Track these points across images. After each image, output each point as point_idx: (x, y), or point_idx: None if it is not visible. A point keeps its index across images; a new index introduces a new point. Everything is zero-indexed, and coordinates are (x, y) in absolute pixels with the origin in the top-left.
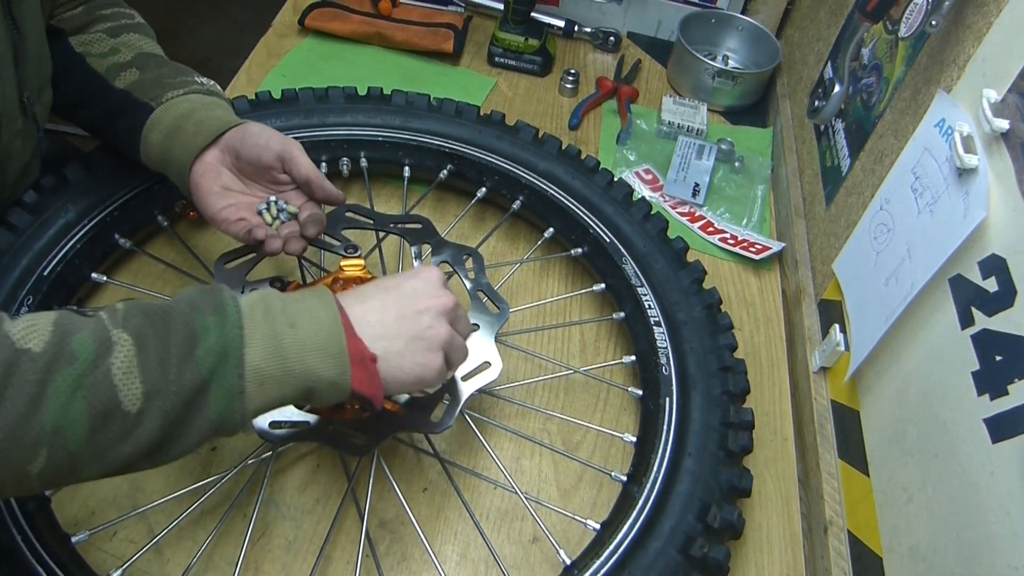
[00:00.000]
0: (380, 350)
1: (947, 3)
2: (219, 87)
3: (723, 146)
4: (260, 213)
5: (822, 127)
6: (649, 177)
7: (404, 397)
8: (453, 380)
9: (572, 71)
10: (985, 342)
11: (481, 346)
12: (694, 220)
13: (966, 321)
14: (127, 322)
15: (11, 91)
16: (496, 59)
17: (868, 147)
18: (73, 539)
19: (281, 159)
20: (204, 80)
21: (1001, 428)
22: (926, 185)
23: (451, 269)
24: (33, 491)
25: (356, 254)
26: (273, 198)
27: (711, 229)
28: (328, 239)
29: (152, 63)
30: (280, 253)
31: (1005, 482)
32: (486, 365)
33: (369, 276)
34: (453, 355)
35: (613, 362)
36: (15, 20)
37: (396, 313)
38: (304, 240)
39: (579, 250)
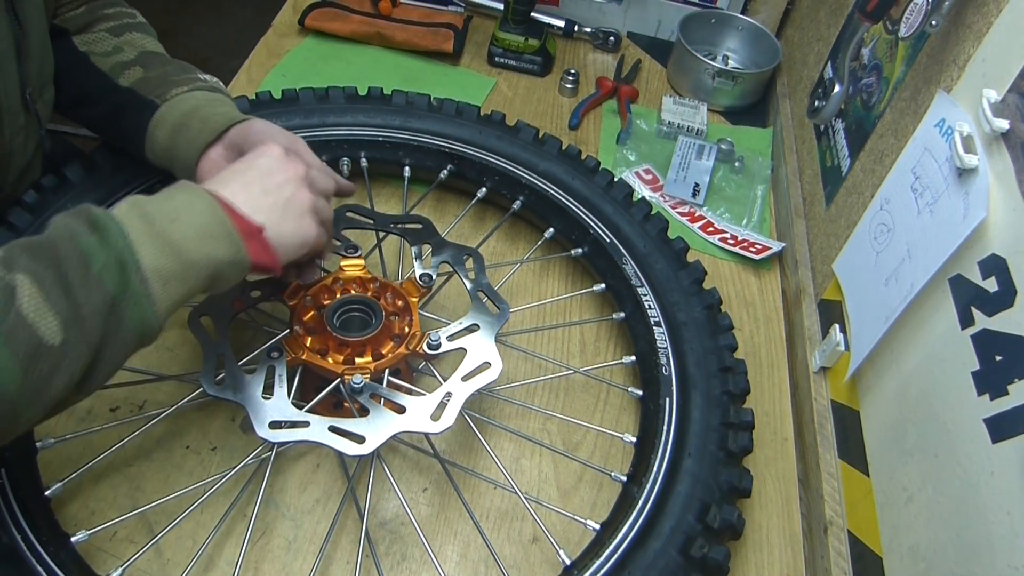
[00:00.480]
0: (260, 220)
1: (947, 3)
2: (222, 84)
3: (723, 146)
4: None
5: (822, 127)
6: (649, 177)
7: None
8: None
9: (572, 71)
10: (985, 342)
11: (481, 346)
12: (694, 220)
13: (966, 321)
14: (15, 264)
15: (13, 87)
16: (496, 59)
17: (868, 147)
18: (73, 539)
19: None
20: (207, 77)
21: (1001, 428)
22: (926, 185)
23: (451, 269)
24: None
25: (356, 254)
26: None
27: (711, 229)
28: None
29: (155, 61)
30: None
31: (1005, 482)
32: (486, 365)
33: (369, 276)
34: (322, 215)
35: (613, 362)
36: (18, 16)
37: (260, 188)
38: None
39: (579, 250)
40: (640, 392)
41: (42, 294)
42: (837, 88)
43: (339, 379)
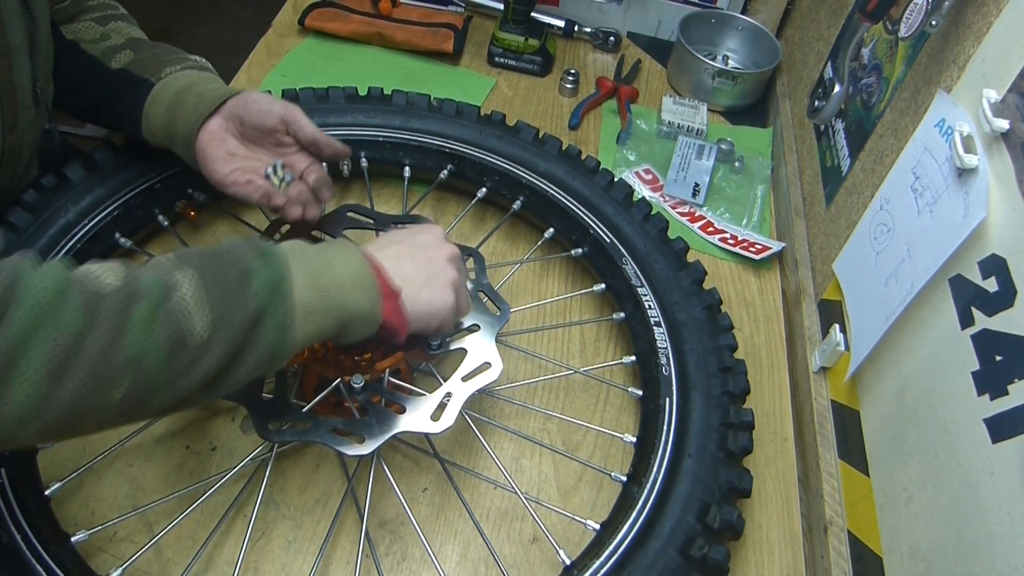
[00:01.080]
0: (401, 284)
1: (947, 3)
2: (210, 65)
3: (723, 146)
4: (267, 177)
5: (822, 127)
6: (649, 177)
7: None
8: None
9: (572, 71)
10: (985, 342)
11: (481, 346)
12: (694, 220)
13: (966, 321)
14: (187, 262)
15: (27, 81)
16: (496, 59)
17: (868, 147)
18: (73, 539)
19: (285, 122)
20: (196, 58)
21: (1001, 428)
22: (926, 185)
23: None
24: (109, 423)
25: None
26: (279, 161)
27: (711, 229)
28: (329, 239)
29: (144, 45)
30: (300, 218)
31: (1005, 482)
32: (486, 365)
33: None
34: (461, 298)
35: (613, 362)
36: (30, 10)
37: (411, 258)
38: (320, 205)
39: (579, 250)
40: (640, 392)
41: (204, 290)
42: (837, 88)
43: (339, 379)
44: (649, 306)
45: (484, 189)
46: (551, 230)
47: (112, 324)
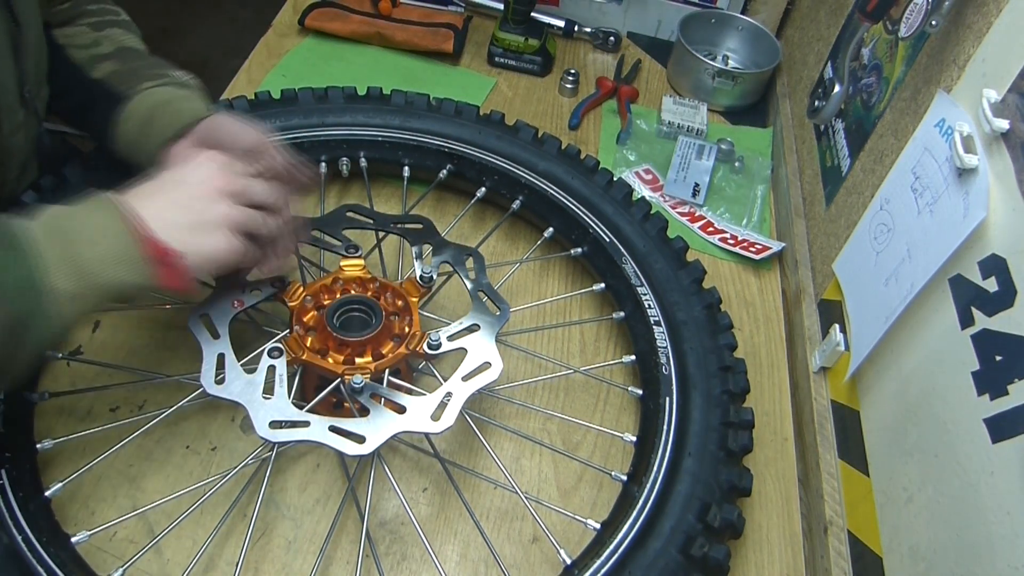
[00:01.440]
0: (172, 242)
1: (947, 3)
2: (196, 80)
3: (723, 146)
4: None
5: (822, 127)
6: (649, 177)
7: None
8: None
9: (572, 71)
10: (985, 342)
11: (481, 346)
12: (694, 220)
13: (966, 321)
14: None
15: (11, 84)
16: (496, 59)
17: (868, 147)
18: (73, 539)
19: (255, 152)
20: (180, 73)
21: (1001, 428)
22: (926, 185)
23: (451, 268)
24: None
25: (356, 254)
26: None
27: (711, 229)
28: (328, 239)
29: (130, 56)
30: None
31: (1005, 482)
32: (486, 365)
33: (369, 276)
34: (254, 228)
35: (613, 362)
36: (14, 13)
37: (175, 204)
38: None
39: (579, 250)
40: (640, 391)
41: None
42: (837, 88)
43: (339, 379)
44: (649, 305)
45: (483, 189)
46: (551, 230)
47: None
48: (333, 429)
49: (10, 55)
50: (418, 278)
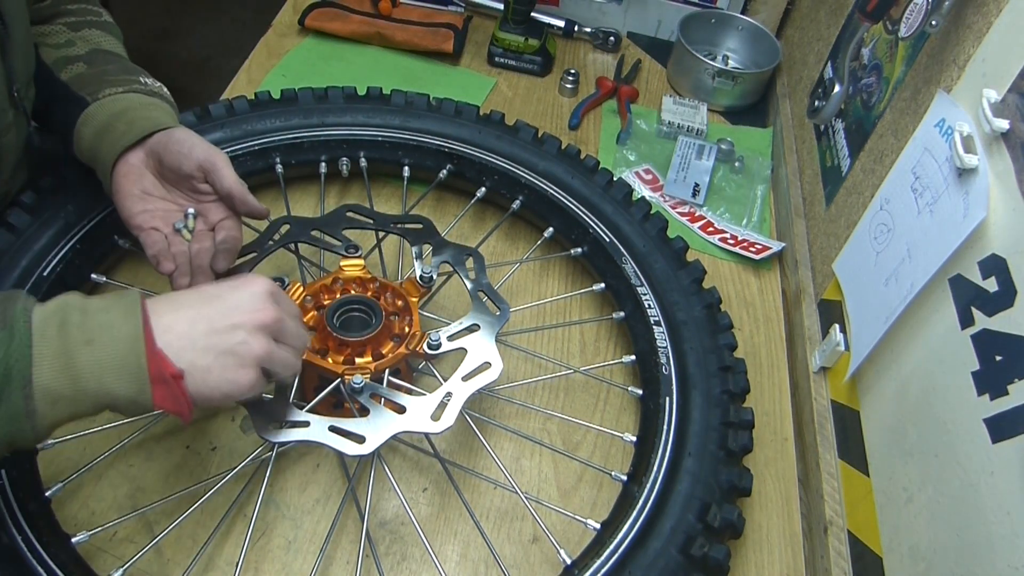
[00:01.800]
0: (186, 363)
1: (947, 3)
2: (165, 90)
3: (723, 146)
4: (177, 229)
5: (822, 127)
6: (649, 177)
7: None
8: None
9: (572, 71)
10: (985, 342)
11: (481, 346)
12: (694, 220)
13: (966, 321)
14: None
15: (1, 83)
16: (496, 59)
17: (868, 147)
18: (73, 539)
19: (203, 170)
20: (149, 81)
21: (1001, 428)
22: (926, 185)
23: (451, 268)
24: None
25: (356, 254)
26: (191, 210)
27: (711, 229)
28: (328, 239)
29: (101, 59)
30: (186, 287)
31: (1005, 482)
32: (486, 365)
33: (369, 276)
34: (275, 369)
35: (613, 362)
36: (1, 13)
37: (207, 326)
38: (211, 273)
39: (579, 250)
40: (640, 391)
41: None
42: (837, 88)
43: (339, 379)
44: (649, 305)
45: (483, 189)
46: (551, 230)
47: None
48: (333, 429)
49: None
50: (418, 278)
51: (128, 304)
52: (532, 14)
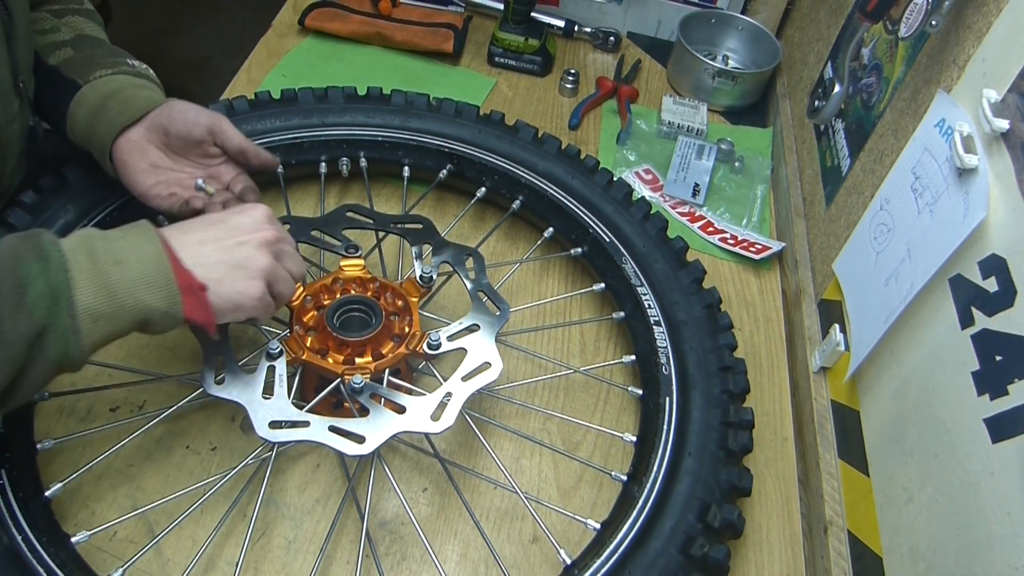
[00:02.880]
0: (199, 277)
1: (947, 3)
2: (152, 72)
3: (723, 146)
4: (200, 188)
5: (822, 127)
6: (649, 177)
7: None
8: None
9: (572, 71)
10: (985, 342)
11: (481, 346)
12: (694, 220)
13: (966, 321)
14: None
15: (5, 73)
16: (496, 59)
17: (868, 147)
18: (73, 539)
19: (212, 132)
20: (136, 63)
21: (1001, 428)
22: (926, 185)
23: (451, 268)
24: None
25: (356, 254)
26: (200, 181)
27: (711, 229)
28: (328, 239)
29: (88, 44)
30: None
31: (1005, 482)
32: (486, 365)
33: (369, 276)
34: (277, 286)
35: (613, 362)
36: (4, 2)
37: (216, 243)
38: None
39: (579, 250)
40: (640, 391)
41: None
42: (837, 88)
43: (339, 379)
44: (649, 305)
45: (483, 189)
46: (550, 230)
47: None
48: (333, 429)
49: (3, 44)
50: (418, 278)
51: (144, 229)
52: (532, 14)
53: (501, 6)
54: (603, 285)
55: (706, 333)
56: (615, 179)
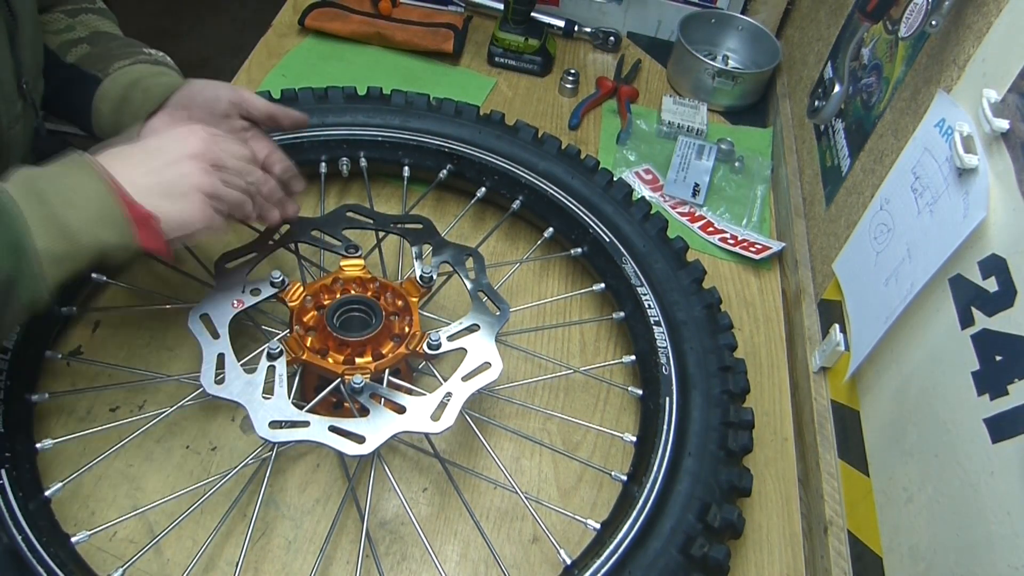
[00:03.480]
0: (149, 208)
1: (947, 3)
2: (168, 58)
3: (723, 146)
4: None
5: (822, 127)
6: (649, 177)
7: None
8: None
9: (572, 71)
10: (985, 342)
11: (481, 346)
12: (694, 220)
13: (966, 321)
14: None
15: (9, 75)
16: (496, 59)
17: (868, 147)
18: (73, 539)
19: (235, 104)
20: (153, 51)
21: (1001, 428)
22: (926, 185)
23: (451, 268)
24: None
25: (356, 254)
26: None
27: (711, 229)
28: (328, 239)
29: (103, 39)
30: (277, 222)
31: (1005, 482)
32: (486, 365)
33: (369, 276)
34: (225, 198)
35: (613, 362)
36: (9, 4)
37: (146, 169)
38: (294, 201)
39: (579, 250)
40: (640, 391)
41: None
42: (837, 88)
43: (339, 379)
44: (649, 305)
45: (483, 189)
46: (550, 230)
47: None
48: (333, 429)
49: (7, 46)
50: (418, 278)
51: (84, 165)
52: (532, 14)
53: (501, 6)
54: (603, 285)
55: (706, 333)
56: (615, 179)
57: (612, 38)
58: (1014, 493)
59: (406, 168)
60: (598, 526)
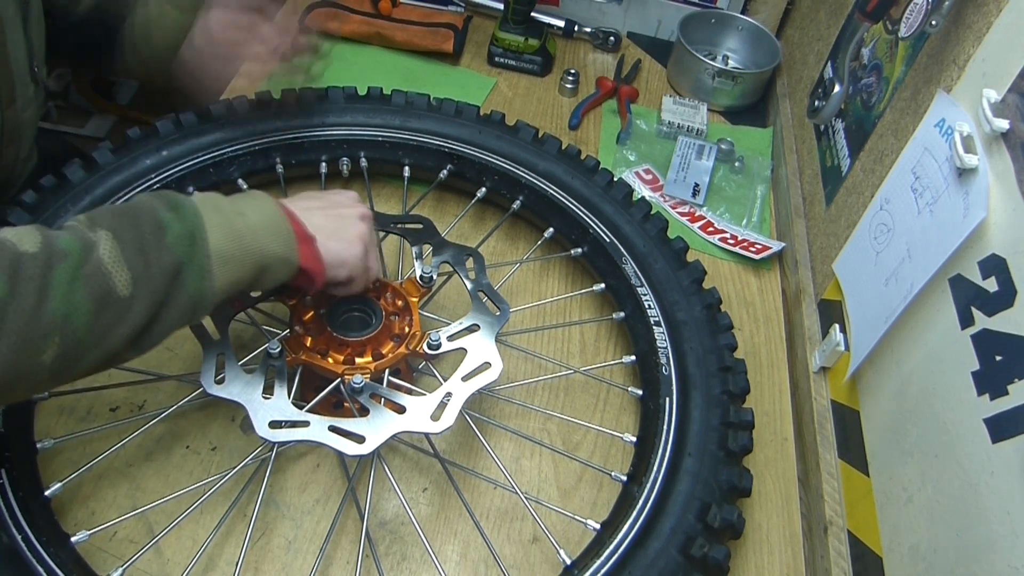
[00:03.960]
0: (312, 234)
1: (947, 3)
2: None
3: (723, 146)
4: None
5: (822, 127)
6: (649, 177)
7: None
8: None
9: (572, 71)
10: (985, 342)
11: (481, 346)
12: (694, 220)
13: (966, 321)
14: (99, 223)
15: (22, 55)
16: (496, 59)
17: (868, 147)
18: (73, 539)
19: None
20: None
21: (1001, 428)
22: (926, 185)
23: (451, 269)
24: (41, 386)
25: None
26: None
27: (711, 229)
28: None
29: None
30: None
31: (1005, 482)
32: (486, 365)
33: None
34: (372, 254)
35: (613, 362)
36: None
37: (321, 212)
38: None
39: (579, 250)
40: (640, 392)
41: (120, 249)
42: (837, 88)
43: (339, 379)
44: (649, 306)
45: (484, 189)
46: (551, 230)
47: (35, 287)
48: (333, 429)
49: (20, 26)
50: (418, 278)
51: (258, 194)
52: (532, 14)
53: (501, 6)
54: (603, 285)
55: (706, 333)
56: (615, 179)
57: (612, 38)
58: (1014, 493)
59: (406, 168)
60: (598, 526)
